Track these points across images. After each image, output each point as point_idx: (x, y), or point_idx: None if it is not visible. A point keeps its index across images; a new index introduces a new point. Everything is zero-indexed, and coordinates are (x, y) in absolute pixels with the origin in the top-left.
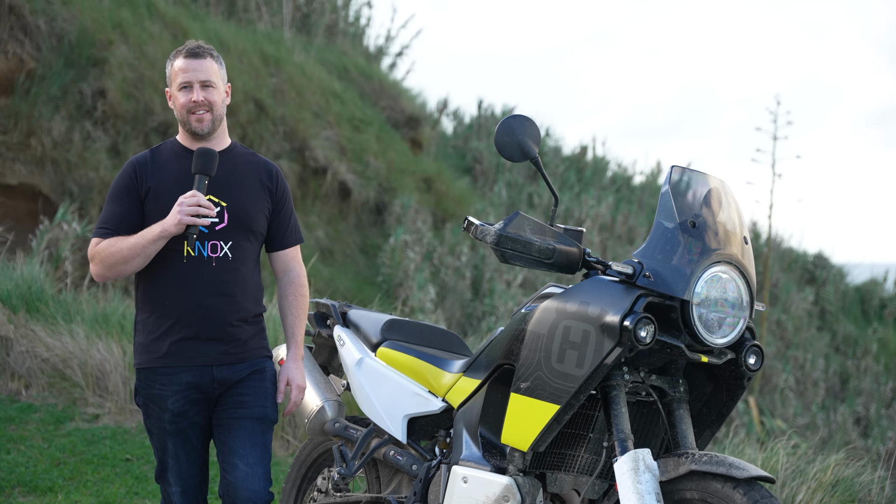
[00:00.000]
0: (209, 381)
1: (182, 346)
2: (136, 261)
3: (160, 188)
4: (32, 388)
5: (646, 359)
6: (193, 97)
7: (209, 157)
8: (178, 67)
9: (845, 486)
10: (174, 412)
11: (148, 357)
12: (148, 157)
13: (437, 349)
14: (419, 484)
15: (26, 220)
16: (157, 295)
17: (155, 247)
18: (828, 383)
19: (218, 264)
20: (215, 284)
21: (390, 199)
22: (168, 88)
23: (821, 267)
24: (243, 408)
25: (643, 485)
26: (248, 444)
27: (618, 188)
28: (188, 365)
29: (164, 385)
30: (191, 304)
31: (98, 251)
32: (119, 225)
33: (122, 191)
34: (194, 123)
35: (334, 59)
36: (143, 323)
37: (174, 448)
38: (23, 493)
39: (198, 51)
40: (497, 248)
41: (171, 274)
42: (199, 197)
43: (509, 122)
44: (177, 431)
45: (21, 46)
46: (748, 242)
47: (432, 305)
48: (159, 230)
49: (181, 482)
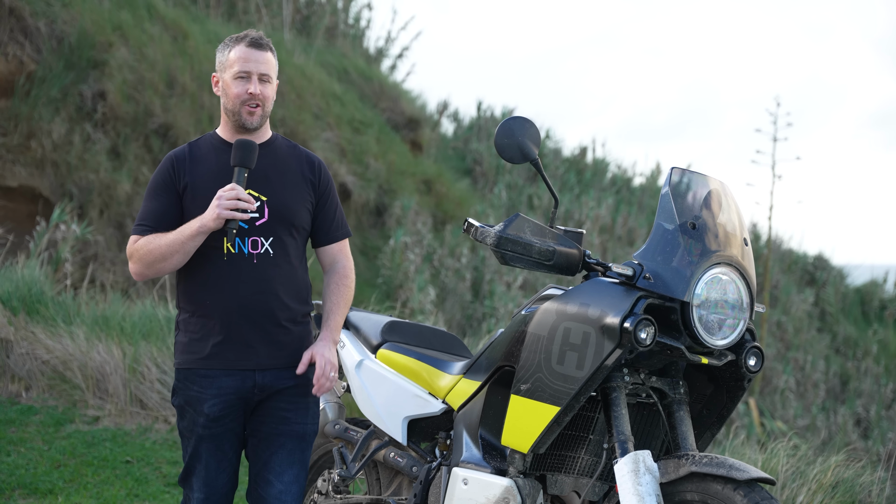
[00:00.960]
0: (250, 386)
1: (224, 349)
2: (174, 258)
3: (198, 183)
4: (32, 390)
5: (646, 360)
6: (251, 89)
7: (248, 148)
8: (238, 56)
9: (845, 488)
10: (210, 416)
11: (188, 357)
12: (186, 151)
13: (438, 351)
14: (419, 486)
15: (26, 222)
16: (198, 294)
17: (194, 243)
18: (828, 385)
19: (259, 261)
20: (257, 283)
21: (390, 201)
22: (217, 74)
23: (821, 268)
24: (285, 423)
25: (643, 486)
26: (285, 462)
27: (618, 190)
28: (230, 368)
29: (202, 388)
30: (232, 304)
31: (136, 249)
32: (158, 221)
33: (160, 186)
34: (245, 116)
35: (334, 60)
36: (185, 322)
37: (205, 454)
38: (23, 495)
39: (261, 42)
40: (497, 249)
41: (212, 272)
42: (239, 190)
43: (509, 124)
44: (210, 437)
45: (21, 48)
46: (748, 244)
47: (432, 307)
48: (198, 225)
49: (206, 489)
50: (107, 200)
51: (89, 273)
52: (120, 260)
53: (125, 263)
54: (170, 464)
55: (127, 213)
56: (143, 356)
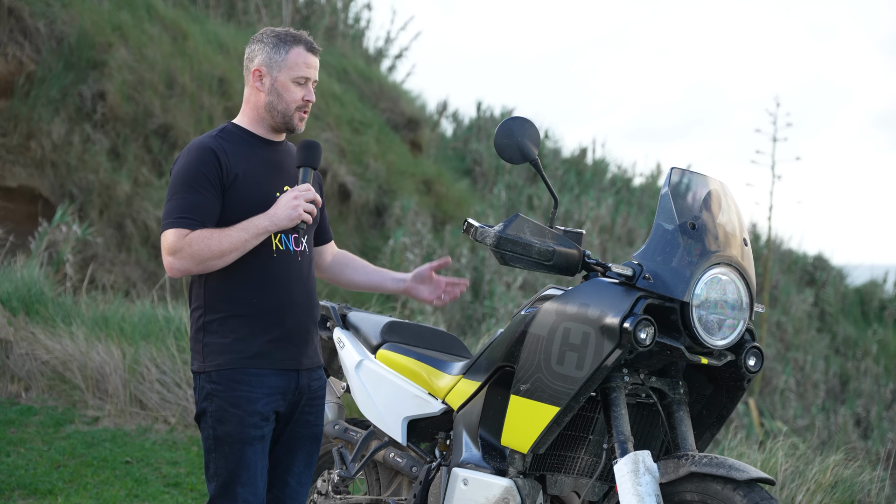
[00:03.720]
0: (294, 387)
1: (273, 347)
2: (232, 255)
3: (247, 177)
4: (32, 391)
5: (646, 361)
6: (307, 96)
7: (317, 149)
8: (299, 60)
9: (844, 487)
10: (263, 415)
11: (233, 357)
12: (223, 143)
13: (437, 351)
14: (419, 486)
15: (26, 222)
16: (244, 292)
17: (258, 241)
18: (828, 385)
19: (303, 259)
20: (304, 281)
21: (390, 201)
22: (264, 69)
23: (821, 268)
24: (306, 427)
25: (643, 486)
26: (303, 464)
27: (617, 190)
28: (278, 368)
29: (251, 387)
30: (282, 302)
31: (188, 243)
32: (206, 216)
33: (204, 179)
34: (296, 121)
35: (334, 61)
36: (221, 322)
37: (254, 458)
38: (22, 495)
39: (315, 47)
40: (497, 250)
41: (261, 270)
42: (313, 191)
43: (508, 124)
44: (260, 438)
45: (21, 49)
46: (748, 244)
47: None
48: (268, 223)
49: (253, 498)
50: (106, 201)
51: (89, 273)
52: (119, 260)
53: (125, 264)
54: (169, 464)
55: (127, 214)
56: (142, 357)
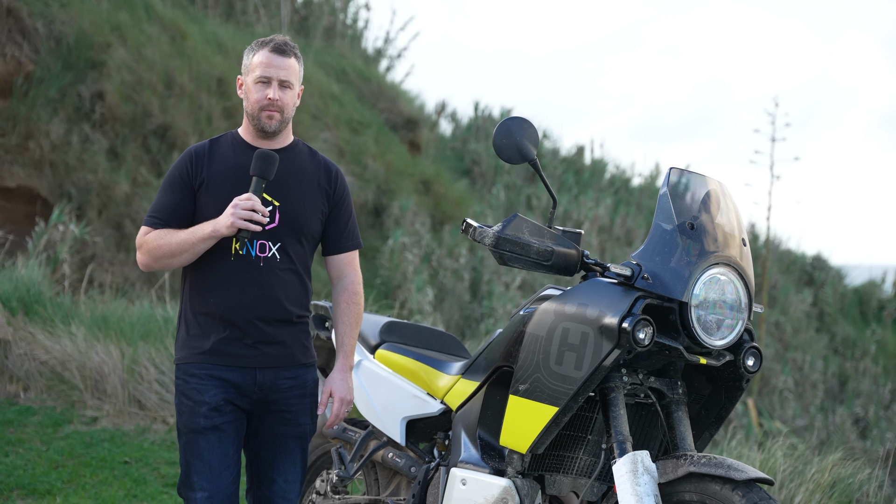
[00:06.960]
0: (251, 384)
1: (226, 346)
2: (183, 256)
3: (214, 180)
4: (31, 391)
5: (644, 361)
6: (270, 95)
7: (269, 160)
8: (260, 61)
9: (843, 487)
10: (211, 405)
11: (189, 353)
12: (207, 147)
13: (436, 351)
14: (418, 486)
15: (25, 222)
16: (203, 292)
17: (204, 245)
18: (826, 385)
19: (265, 264)
20: (261, 285)
21: (389, 202)
22: (241, 77)
23: (819, 268)
24: (286, 425)
25: (642, 486)
26: (287, 462)
27: (616, 190)
28: (231, 365)
29: (201, 380)
30: (235, 304)
31: (147, 241)
32: (171, 216)
33: (177, 180)
34: (264, 120)
35: (332, 61)
36: (188, 318)
37: (206, 447)
38: (21, 495)
39: (284, 48)
40: (495, 250)
41: (218, 271)
42: (255, 201)
43: (507, 125)
44: (212, 428)
45: (19, 49)
46: (746, 244)
47: (430, 307)
48: (210, 230)
49: (210, 486)
50: (105, 201)
51: (88, 273)
52: (118, 260)
53: (123, 264)
54: (168, 464)
55: (125, 214)
56: (141, 357)
